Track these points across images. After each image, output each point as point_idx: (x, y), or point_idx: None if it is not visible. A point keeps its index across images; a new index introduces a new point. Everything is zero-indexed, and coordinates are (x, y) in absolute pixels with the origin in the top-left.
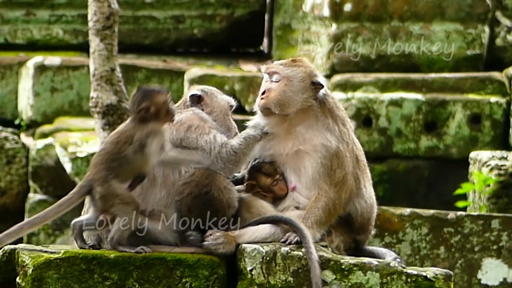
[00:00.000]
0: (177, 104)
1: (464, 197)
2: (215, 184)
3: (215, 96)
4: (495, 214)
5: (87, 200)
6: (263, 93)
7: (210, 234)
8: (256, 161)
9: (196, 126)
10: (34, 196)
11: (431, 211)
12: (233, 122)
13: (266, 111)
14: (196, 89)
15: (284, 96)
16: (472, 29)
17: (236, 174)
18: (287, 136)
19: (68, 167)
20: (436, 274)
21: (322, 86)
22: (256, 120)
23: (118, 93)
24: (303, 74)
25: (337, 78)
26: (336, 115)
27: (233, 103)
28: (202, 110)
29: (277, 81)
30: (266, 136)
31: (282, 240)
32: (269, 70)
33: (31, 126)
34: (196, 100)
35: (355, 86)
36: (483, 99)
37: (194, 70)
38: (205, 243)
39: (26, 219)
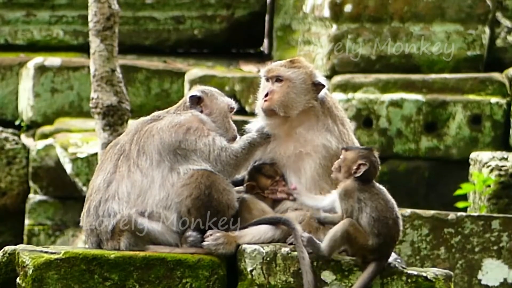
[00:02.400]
0: (176, 105)
1: (464, 197)
2: (215, 186)
3: (215, 98)
4: (495, 214)
5: (86, 204)
6: (266, 95)
7: (210, 234)
8: (256, 162)
9: (195, 128)
10: (34, 197)
11: (432, 212)
12: (233, 124)
13: (270, 112)
14: (196, 90)
15: (287, 98)
16: (473, 30)
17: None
18: (288, 138)
19: (68, 167)
20: (437, 275)
21: (324, 86)
22: (260, 124)
23: (119, 94)
24: (304, 75)
25: (337, 78)
26: (335, 115)
27: (234, 105)
28: (202, 111)
29: (280, 83)
30: (269, 141)
31: (288, 241)
32: (270, 73)
33: (32, 126)
34: (196, 101)
35: (355, 87)
36: (483, 99)
37: (195, 70)
38: (205, 243)
39: None
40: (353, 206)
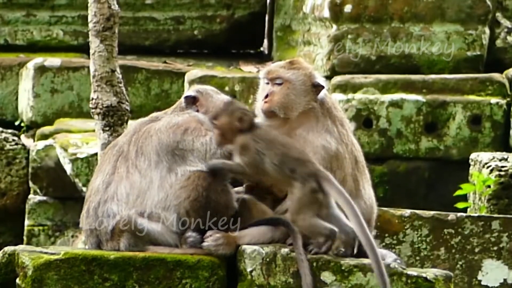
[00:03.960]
0: (173, 106)
1: (464, 198)
2: (212, 187)
3: (210, 96)
4: (495, 215)
5: (86, 205)
6: (266, 96)
7: (210, 235)
8: None
9: (193, 129)
10: (34, 197)
11: (431, 212)
12: None
13: (270, 114)
14: (191, 90)
15: (287, 100)
16: (473, 30)
17: None
18: None
19: (68, 168)
20: (436, 275)
21: (323, 87)
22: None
23: (118, 94)
24: (304, 76)
25: (337, 79)
26: (334, 115)
27: None
28: (198, 111)
29: (279, 85)
30: None
31: (288, 242)
32: (270, 75)
33: (31, 127)
34: (191, 101)
35: (355, 87)
36: (483, 100)
37: (195, 71)
38: (205, 244)
39: None
40: (254, 158)
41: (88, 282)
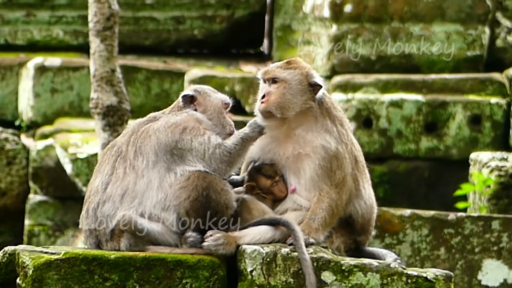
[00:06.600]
0: (171, 106)
1: (464, 198)
2: (212, 187)
3: (208, 95)
4: (495, 215)
5: (85, 206)
6: (263, 96)
7: (211, 235)
8: (256, 163)
9: (191, 128)
10: (34, 197)
11: (432, 212)
12: (229, 120)
13: (267, 114)
14: (189, 90)
15: (284, 99)
16: (473, 30)
17: (236, 176)
18: (287, 140)
19: (68, 168)
20: (437, 275)
21: (321, 87)
22: (254, 119)
23: (119, 94)
24: (300, 76)
25: (337, 79)
26: (333, 115)
27: (228, 100)
28: (196, 110)
29: (276, 85)
30: (262, 135)
31: (288, 242)
32: (267, 75)
33: (32, 127)
34: (189, 100)
35: (355, 87)
36: (483, 100)
37: (195, 71)
38: (205, 244)
39: None
40: None
41: (89, 282)
